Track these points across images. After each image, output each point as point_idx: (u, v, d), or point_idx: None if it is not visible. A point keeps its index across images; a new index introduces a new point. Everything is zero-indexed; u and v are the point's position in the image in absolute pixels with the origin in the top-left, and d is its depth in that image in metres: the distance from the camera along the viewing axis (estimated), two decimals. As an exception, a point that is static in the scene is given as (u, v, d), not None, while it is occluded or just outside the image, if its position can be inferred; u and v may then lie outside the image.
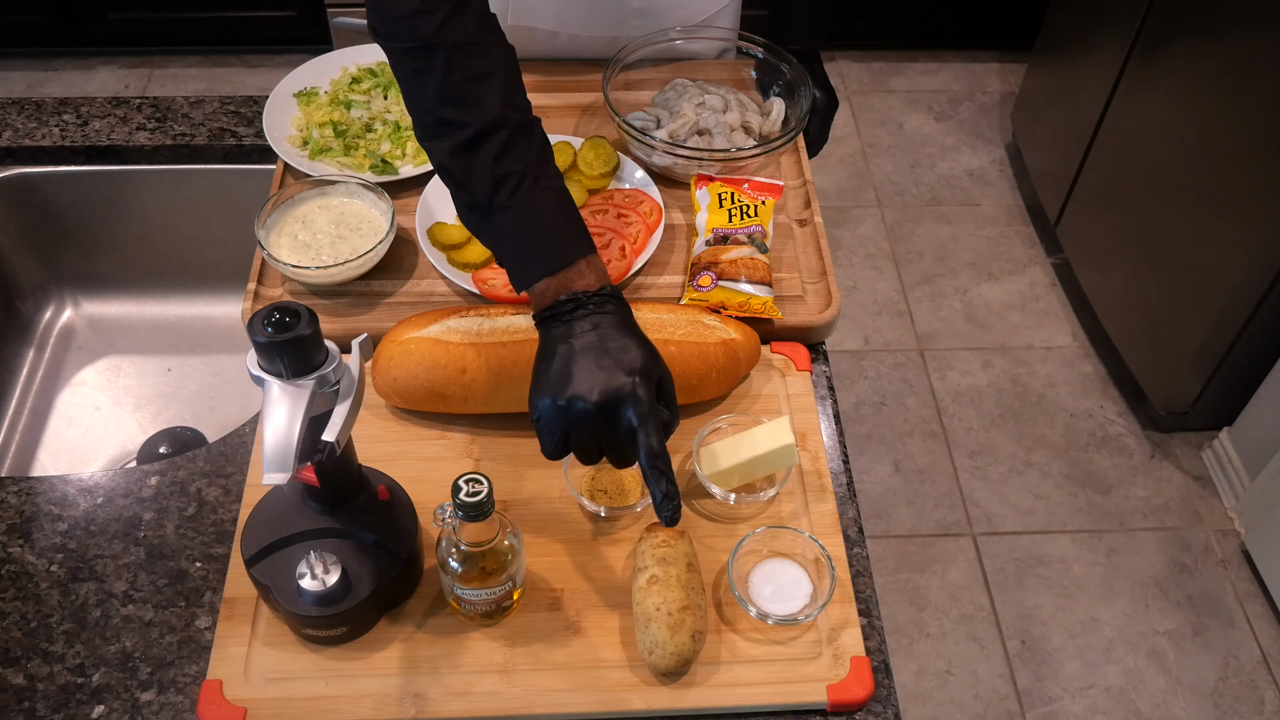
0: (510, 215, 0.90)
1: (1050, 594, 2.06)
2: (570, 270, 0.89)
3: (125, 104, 1.44)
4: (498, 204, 0.90)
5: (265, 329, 0.77)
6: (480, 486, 0.83)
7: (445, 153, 0.92)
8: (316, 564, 0.88)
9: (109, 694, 0.91)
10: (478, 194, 0.91)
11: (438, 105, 0.92)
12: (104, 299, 1.53)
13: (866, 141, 2.96)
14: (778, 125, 1.35)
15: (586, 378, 0.85)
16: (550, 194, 0.92)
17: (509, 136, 0.90)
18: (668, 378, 0.89)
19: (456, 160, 0.91)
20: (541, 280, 0.90)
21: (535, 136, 0.93)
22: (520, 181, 0.90)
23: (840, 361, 2.43)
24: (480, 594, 0.90)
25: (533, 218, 0.91)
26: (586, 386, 0.85)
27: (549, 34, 1.41)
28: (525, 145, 0.92)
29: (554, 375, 0.86)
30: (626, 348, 0.87)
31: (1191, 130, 2.03)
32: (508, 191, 0.90)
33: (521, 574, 0.93)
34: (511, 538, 0.89)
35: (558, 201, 0.92)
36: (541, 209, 0.91)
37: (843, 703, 0.91)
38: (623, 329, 0.88)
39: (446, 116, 0.91)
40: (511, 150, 0.90)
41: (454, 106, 0.91)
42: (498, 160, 0.90)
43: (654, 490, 0.85)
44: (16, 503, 1.04)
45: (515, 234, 0.91)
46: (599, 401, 0.85)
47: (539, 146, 0.93)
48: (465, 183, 0.92)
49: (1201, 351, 2.08)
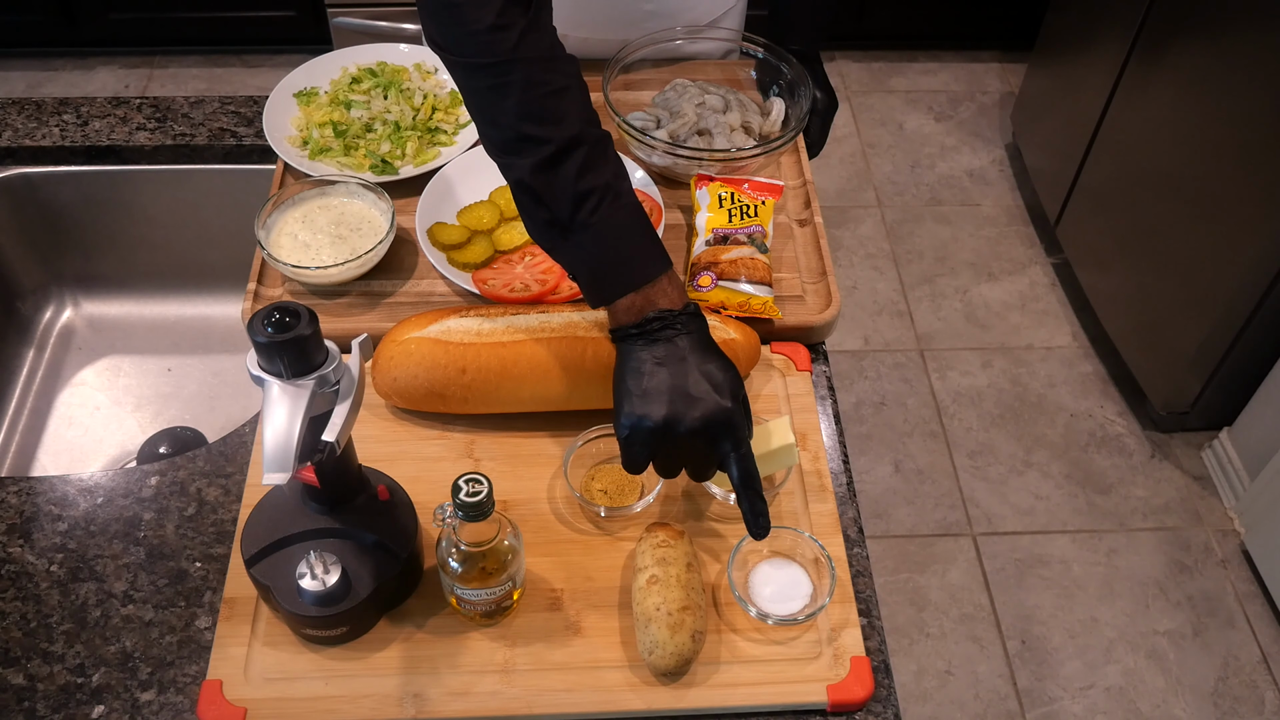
0: (593, 232, 0.90)
1: (1050, 594, 2.06)
2: (653, 287, 0.90)
3: (125, 104, 1.44)
4: (580, 221, 0.90)
5: (265, 329, 0.77)
6: (480, 486, 0.83)
7: (527, 169, 0.90)
8: (316, 564, 0.88)
9: (109, 694, 0.91)
10: (560, 210, 0.90)
11: (518, 121, 0.90)
12: (104, 299, 1.53)
13: (866, 141, 2.96)
14: (778, 125, 1.35)
15: (686, 399, 0.87)
16: (630, 211, 0.92)
17: (589, 152, 0.90)
18: (746, 397, 0.91)
19: (539, 177, 0.90)
20: (625, 296, 0.90)
21: (611, 152, 0.93)
22: (603, 198, 0.90)
23: (840, 361, 2.43)
24: (480, 594, 0.90)
25: (617, 234, 0.91)
26: (686, 408, 0.87)
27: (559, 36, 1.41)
28: (604, 161, 0.92)
29: (650, 394, 0.88)
30: (721, 369, 0.89)
31: (1191, 130, 2.03)
32: (590, 208, 0.90)
33: (521, 574, 0.93)
34: (511, 538, 0.89)
35: (638, 218, 0.93)
36: (623, 226, 0.91)
37: (843, 703, 0.91)
38: (709, 350, 0.91)
39: (527, 132, 0.90)
40: (593, 166, 0.90)
41: (534, 122, 0.90)
42: (581, 176, 0.89)
43: (746, 508, 0.89)
44: (16, 503, 1.04)
45: (598, 250, 0.91)
46: (702, 424, 0.87)
47: (615, 162, 0.93)
48: (547, 199, 0.91)
49: (1201, 351, 2.08)
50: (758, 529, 0.90)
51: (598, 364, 1.03)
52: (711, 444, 0.89)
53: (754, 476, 0.89)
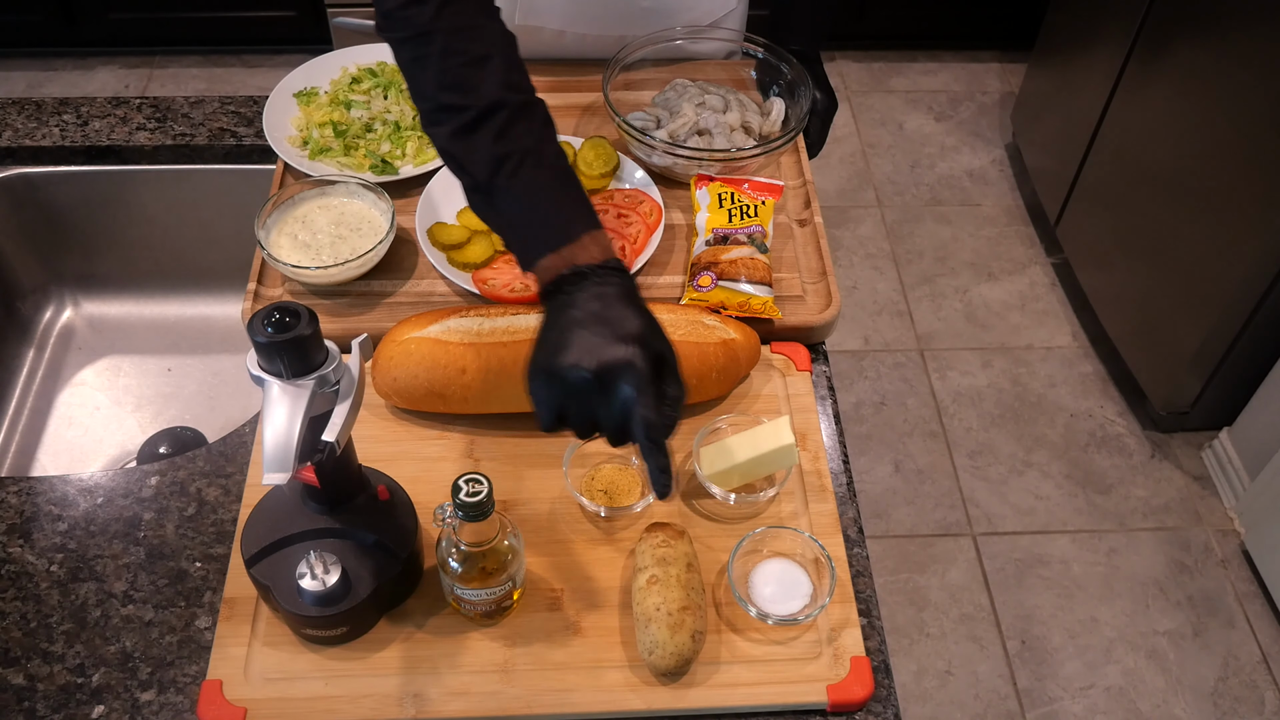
0: (512, 195, 0.90)
1: (1050, 594, 2.06)
2: (574, 245, 0.89)
3: (125, 104, 1.44)
4: (499, 184, 0.90)
5: (265, 329, 0.77)
6: (480, 486, 0.83)
7: (445, 137, 0.92)
8: (316, 564, 0.88)
9: (109, 694, 0.91)
10: (479, 175, 0.91)
11: (437, 91, 0.92)
12: (104, 299, 1.53)
13: (866, 141, 2.96)
14: (778, 125, 1.35)
15: (582, 346, 0.83)
16: (553, 172, 0.91)
17: (508, 116, 0.90)
18: (670, 352, 0.87)
19: (456, 143, 0.92)
20: (545, 257, 0.89)
21: (537, 116, 0.93)
22: (521, 161, 0.90)
23: (840, 361, 2.43)
24: (480, 594, 0.90)
25: (535, 196, 0.90)
26: (581, 354, 0.83)
27: (556, 34, 1.41)
28: (526, 125, 0.91)
29: (550, 344, 0.85)
30: (626, 317, 0.85)
31: (1191, 130, 2.03)
32: (508, 171, 0.90)
33: (522, 574, 0.93)
34: (512, 538, 0.89)
35: (560, 179, 0.92)
36: (543, 187, 0.91)
37: (843, 703, 0.91)
38: (625, 300, 0.87)
39: (446, 101, 0.92)
40: (511, 130, 0.90)
41: (453, 91, 0.91)
42: (497, 140, 0.90)
43: (650, 463, 0.83)
44: (16, 503, 1.04)
45: (518, 213, 0.91)
46: (595, 370, 0.82)
47: (541, 125, 0.93)
48: (467, 165, 0.92)
49: (1201, 351, 2.08)
50: (660, 486, 0.84)
51: (598, 364, 1.03)
52: (607, 393, 0.83)
53: (657, 428, 0.82)
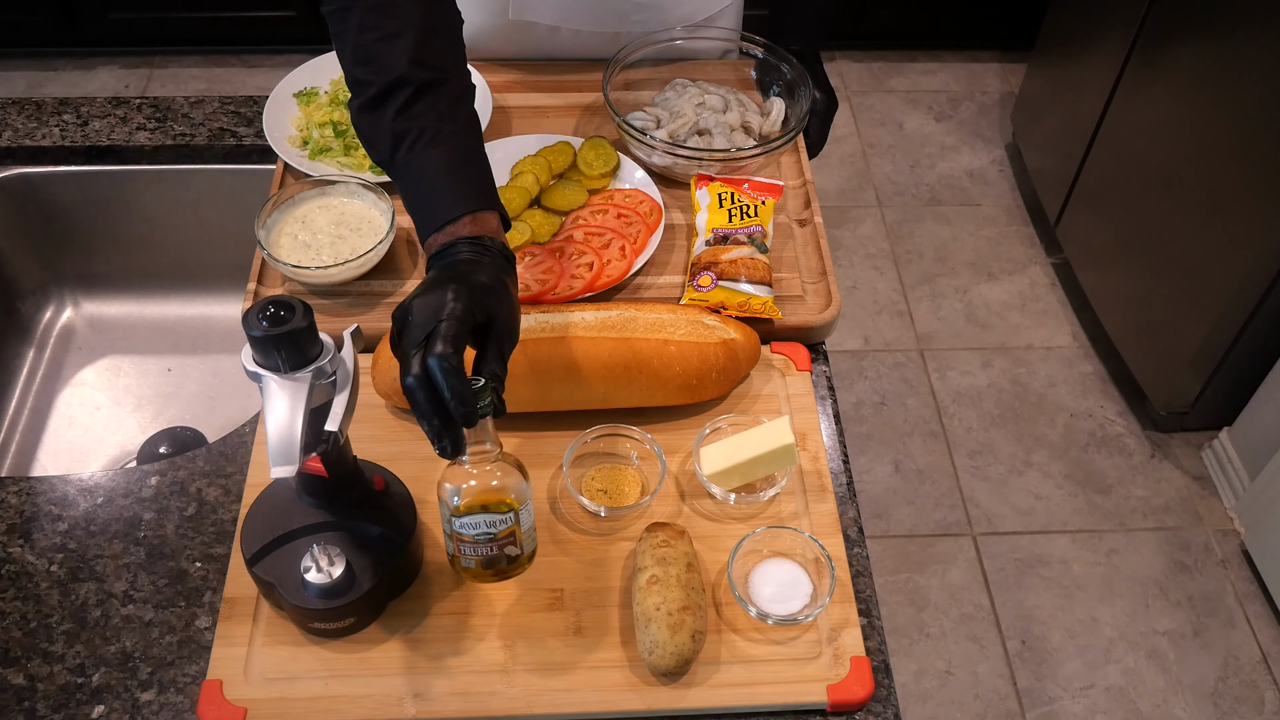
0: (408, 173, 0.91)
1: (1050, 594, 2.06)
2: (456, 225, 0.89)
3: (125, 104, 1.44)
4: (398, 161, 0.91)
5: (260, 323, 0.77)
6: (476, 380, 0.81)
7: (355, 111, 0.93)
8: (321, 557, 0.88)
9: (109, 694, 0.91)
10: (382, 152, 0.92)
11: (352, 65, 0.94)
12: (104, 299, 1.53)
13: (866, 141, 2.96)
14: (778, 125, 1.35)
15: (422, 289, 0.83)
16: (450, 150, 0.91)
17: (412, 93, 0.91)
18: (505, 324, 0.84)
19: (363, 117, 0.93)
20: (430, 236, 0.90)
21: (445, 95, 0.93)
22: (419, 138, 0.90)
23: (840, 361, 2.43)
24: (479, 526, 0.85)
25: (428, 173, 0.91)
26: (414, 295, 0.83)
27: (549, 29, 1.41)
28: (429, 102, 0.92)
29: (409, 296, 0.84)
30: (474, 273, 0.84)
31: (1191, 130, 2.03)
32: (406, 148, 0.90)
33: (529, 523, 0.89)
34: (514, 469, 0.86)
35: (456, 158, 0.91)
36: (436, 165, 0.91)
37: (843, 703, 0.91)
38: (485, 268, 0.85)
39: (358, 76, 0.93)
40: (413, 106, 0.91)
41: (364, 65, 0.93)
42: (398, 116, 0.91)
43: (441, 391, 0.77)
44: (16, 503, 1.04)
45: (413, 191, 0.91)
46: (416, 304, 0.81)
47: (449, 104, 0.93)
48: (371, 140, 0.93)
49: (1201, 351, 2.08)
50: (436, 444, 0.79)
51: (598, 364, 1.03)
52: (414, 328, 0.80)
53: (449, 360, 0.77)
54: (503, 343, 0.84)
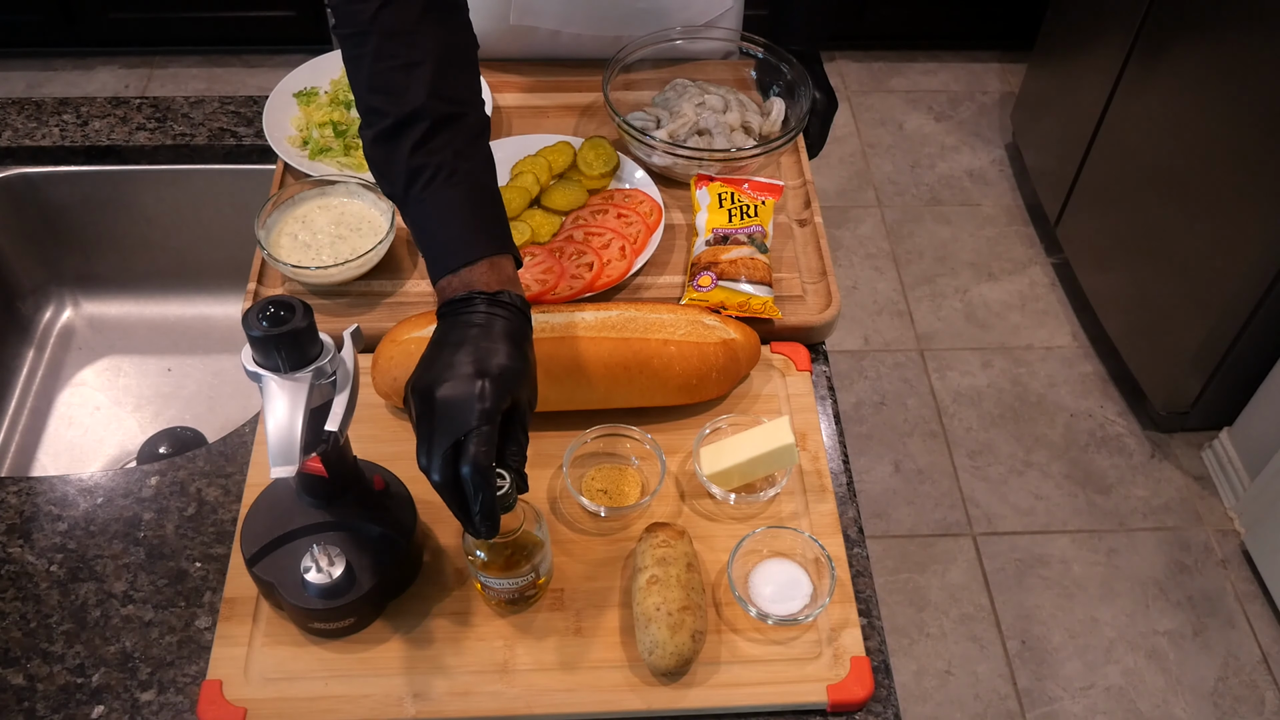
0: (423, 210, 0.89)
1: (1050, 594, 2.06)
2: (471, 269, 0.87)
3: (125, 104, 1.44)
4: (412, 196, 0.89)
5: (260, 323, 0.77)
6: (502, 481, 0.82)
7: (369, 142, 0.91)
8: (321, 557, 0.88)
9: (109, 694, 0.91)
10: (395, 185, 0.90)
11: (367, 93, 0.91)
12: (104, 299, 1.53)
13: (866, 141, 2.96)
14: (778, 125, 1.35)
15: (440, 369, 0.81)
16: (466, 189, 0.89)
17: (429, 128, 0.89)
18: (527, 401, 0.84)
19: (377, 149, 0.90)
20: (443, 278, 0.87)
21: (463, 129, 0.91)
22: (435, 174, 0.88)
23: (840, 361, 2.43)
24: (504, 583, 0.90)
25: (443, 213, 0.89)
26: (435, 377, 0.81)
27: (551, 33, 1.41)
28: (446, 137, 0.89)
29: (423, 362, 0.84)
30: (494, 351, 0.82)
31: (1191, 130, 2.03)
32: (422, 184, 0.88)
33: (547, 564, 0.94)
34: (537, 529, 0.90)
35: (473, 197, 0.89)
36: (452, 205, 0.89)
37: (843, 703, 0.91)
38: (503, 335, 0.84)
39: (373, 104, 0.91)
40: (430, 142, 0.89)
41: (379, 94, 0.90)
42: (414, 151, 0.88)
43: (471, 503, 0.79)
44: (16, 503, 1.04)
45: (427, 228, 0.89)
46: (441, 395, 0.80)
47: (465, 139, 0.91)
48: (385, 173, 0.91)
49: (1201, 351, 2.08)
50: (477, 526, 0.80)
51: (598, 364, 1.03)
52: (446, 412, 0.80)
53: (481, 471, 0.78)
54: (525, 423, 0.84)
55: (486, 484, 0.78)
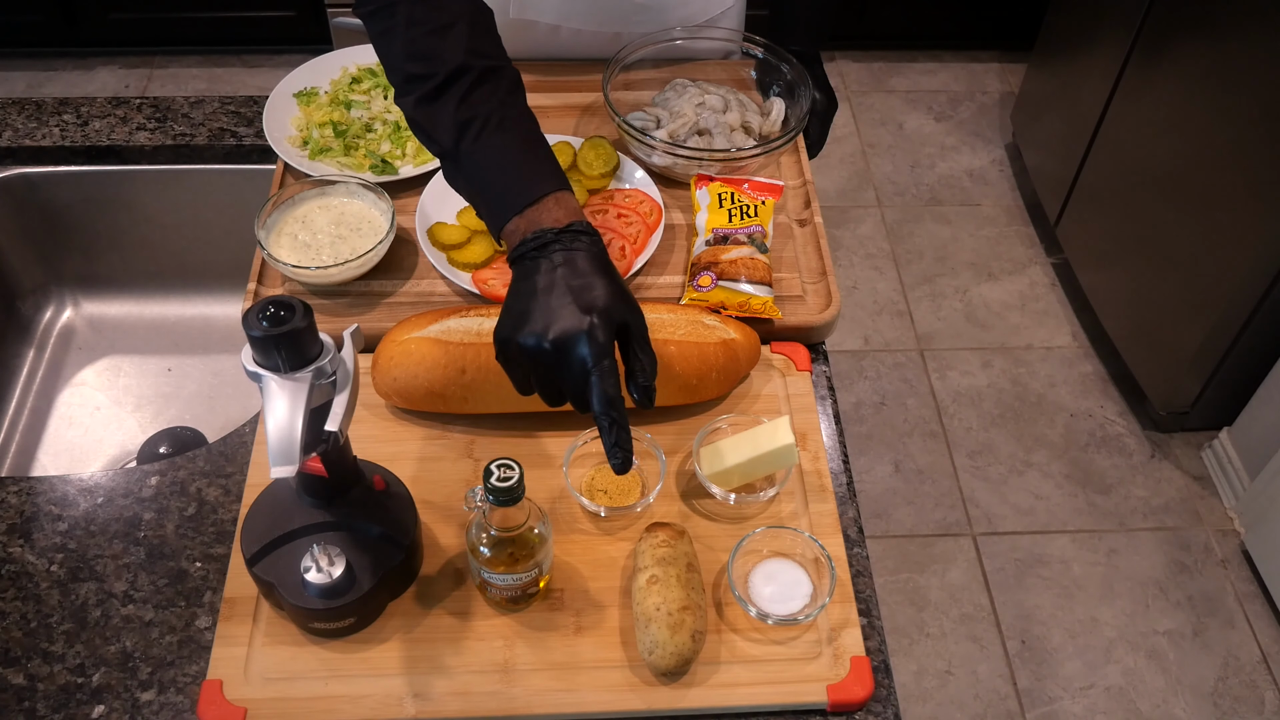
0: (475, 160, 0.90)
1: (1050, 594, 2.06)
2: (537, 207, 0.88)
3: (125, 104, 1.44)
4: (464, 150, 0.90)
5: (260, 323, 0.77)
6: (511, 472, 0.83)
7: (412, 106, 0.92)
8: (321, 557, 0.88)
9: (109, 694, 0.91)
10: (445, 142, 0.91)
11: (404, 62, 0.93)
12: (104, 299, 1.53)
13: (866, 141, 2.96)
14: (778, 125, 1.35)
15: (542, 316, 0.83)
16: (516, 134, 0.91)
17: (472, 82, 0.90)
18: (637, 321, 0.86)
19: (422, 110, 0.92)
20: (510, 221, 0.89)
21: (503, 81, 0.93)
22: (485, 124, 0.90)
23: (840, 361, 2.43)
24: (507, 579, 0.90)
25: (498, 159, 0.90)
26: (542, 325, 0.83)
27: (550, 28, 1.41)
28: (490, 89, 0.91)
29: (513, 314, 0.85)
30: (589, 286, 0.84)
31: (1191, 130, 2.03)
32: (472, 136, 0.90)
33: (549, 562, 0.94)
34: (541, 526, 0.90)
35: (524, 140, 0.91)
36: (506, 150, 0.90)
37: (843, 703, 0.91)
38: (590, 266, 0.86)
39: (413, 71, 0.92)
40: (474, 94, 0.90)
41: (418, 60, 0.92)
42: (460, 106, 0.90)
43: (605, 437, 0.83)
44: (16, 503, 1.04)
45: (482, 178, 0.91)
46: (553, 340, 0.82)
47: (507, 90, 0.92)
48: (433, 132, 0.92)
49: (1201, 351, 2.08)
50: (614, 459, 0.83)
51: (598, 364, 1.03)
52: (566, 363, 0.83)
53: (612, 403, 0.81)
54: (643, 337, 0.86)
55: (619, 421, 0.81)
